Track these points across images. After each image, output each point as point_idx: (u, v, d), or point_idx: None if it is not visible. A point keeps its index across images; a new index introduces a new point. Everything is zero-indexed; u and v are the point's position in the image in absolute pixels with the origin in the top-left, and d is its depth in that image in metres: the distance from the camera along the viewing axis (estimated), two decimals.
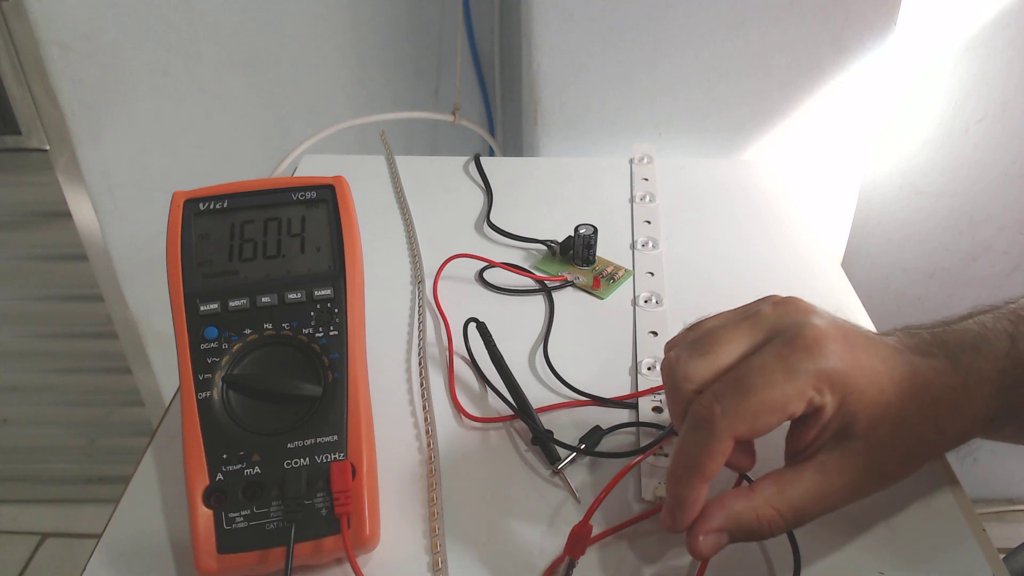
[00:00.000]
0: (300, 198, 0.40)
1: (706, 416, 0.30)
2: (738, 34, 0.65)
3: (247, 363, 0.36)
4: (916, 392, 0.32)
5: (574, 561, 0.33)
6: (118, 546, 0.37)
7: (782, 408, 0.30)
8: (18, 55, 0.89)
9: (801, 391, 0.30)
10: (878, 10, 0.64)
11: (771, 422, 0.30)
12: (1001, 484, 1.27)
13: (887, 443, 0.31)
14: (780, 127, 0.71)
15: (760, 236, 0.58)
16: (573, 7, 0.64)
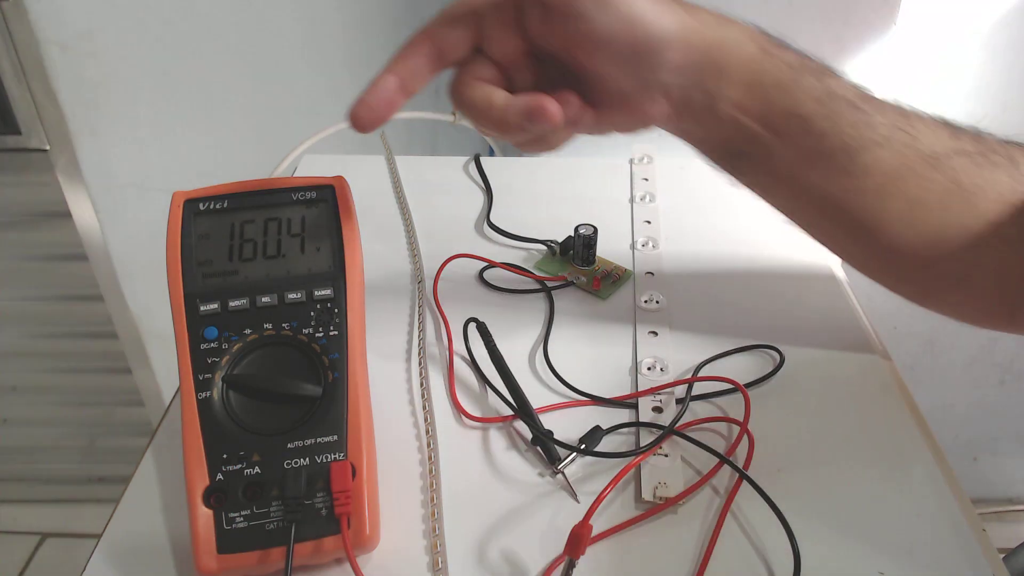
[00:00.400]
0: (300, 198, 0.40)
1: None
2: None
3: (247, 363, 0.36)
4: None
5: (574, 561, 0.33)
6: (118, 546, 0.37)
7: (468, 4, 0.36)
8: (18, 55, 0.89)
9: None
10: (878, 10, 0.64)
11: (456, 14, 0.36)
12: (1001, 484, 1.27)
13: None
14: None
15: (760, 236, 0.58)
16: None
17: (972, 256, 0.38)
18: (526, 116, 0.34)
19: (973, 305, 0.41)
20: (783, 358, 0.45)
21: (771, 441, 0.40)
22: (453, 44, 0.36)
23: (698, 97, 0.37)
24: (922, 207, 0.38)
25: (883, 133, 0.37)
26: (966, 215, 0.37)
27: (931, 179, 0.37)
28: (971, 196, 0.37)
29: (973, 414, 1.14)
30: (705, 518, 0.37)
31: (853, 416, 0.42)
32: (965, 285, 0.39)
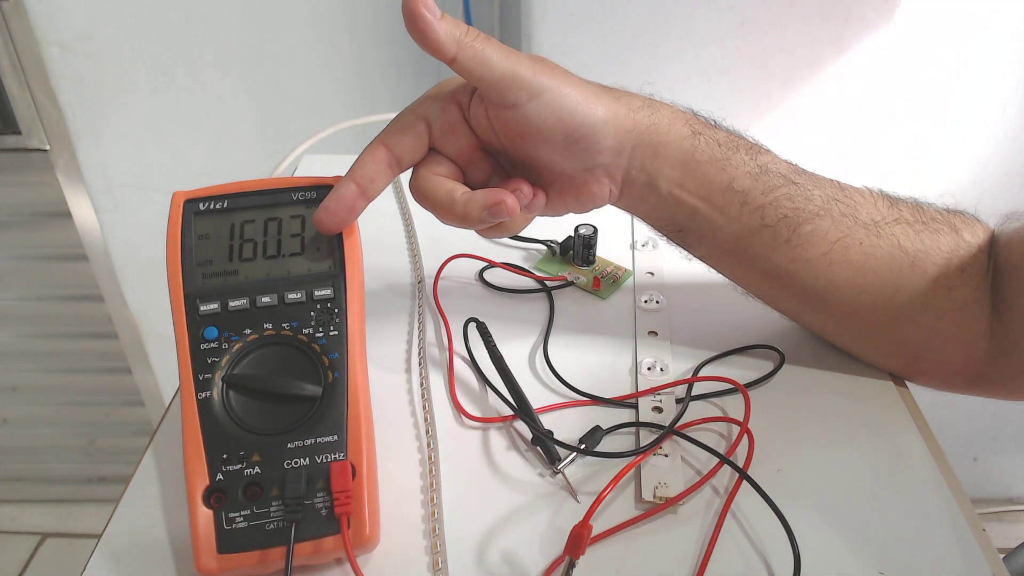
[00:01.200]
0: (300, 198, 0.40)
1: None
2: (738, 34, 0.65)
3: (247, 363, 0.36)
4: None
5: (574, 561, 0.33)
6: (118, 546, 0.37)
7: (410, 111, 0.38)
8: (18, 55, 0.89)
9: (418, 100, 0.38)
10: (878, 10, 0.64)
11: (407, 122, 0.38)
12: (1001, 484, 1.27)
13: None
14: (781, 127, 0.71)
15: None
16: (573, 7, 0.64)
17: (929, 319, 0.40)
18: (487, 210, 0.37)
19: (943, 370, 0.43)
20: (783, 358, 0.45)
21: (771, 441, 0.40)
22: (407, 150, 0.39)
23: (638, 176, 0.40)
24: (870, 272, 0.39)
25: (821, 204, 0.39)
26: (915, 278, 0.39)
27: (874, 245, 0.39)
28: (917, 260, 0.39)
29: (973, 414, 1.14)
30: (705, 518, 0.37)
31: (853, 416, 0.42)
32: (930, 350, 0.41)
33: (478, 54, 0.34)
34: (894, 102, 0.82)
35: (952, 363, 0.42)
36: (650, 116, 0.39)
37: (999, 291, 0.39)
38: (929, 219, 0.40)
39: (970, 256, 0.39)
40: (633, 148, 0.39)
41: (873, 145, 0.79)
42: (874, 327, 0.42)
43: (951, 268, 0.39)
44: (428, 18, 0.33)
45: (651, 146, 0.39)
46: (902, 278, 0.39)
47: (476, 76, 0.35)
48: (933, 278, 0.39)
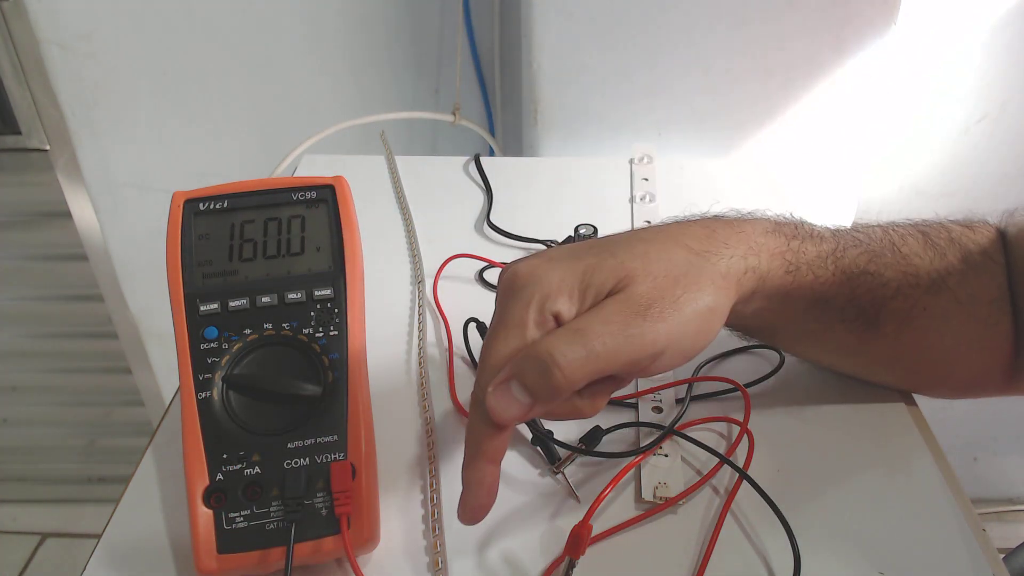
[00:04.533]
0: (300, 198, 0.40)
1: (473, 396, 0.32)
2: (738, 33, 0.65)
3: (247, 363, 0.36)
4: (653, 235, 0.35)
5: (574, 561, 0.33)
6: (118, 546, 0.36)
7: (516, 347, 0.31)
8: (18, 55, 0.89)
9: (520, 321, 0.32)
10: (878, 9, 0.64)
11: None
12: (1001, 484, 1.27)
13: (639, 275, 0.33)
14: (780, 127, 0.71)
15: None
16: (573, 7, 0.64)
17: (975, 355, 0.40)
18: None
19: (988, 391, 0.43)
20: (783, 358, 0.45)
21: (771, 441, 0.40)
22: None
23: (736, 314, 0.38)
24: (932, 332, 0.39)
25: (894, 288, 0.38)
26: (969, 326, 0.39)
27: (935, 305, 0.39)
28: (969, 308, 0.39)
29: (973, 414, 1.14)
30: (705, 518, 0.37)
31: (853, 416, 0.42)
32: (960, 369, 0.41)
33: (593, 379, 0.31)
34: (894, 100, 0.82)
35: (981, 376, 0.42)
36: (753, 277, 0.36)
37: (1019, 289, 0.39)
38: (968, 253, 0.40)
39: (1000, 283, 0.40)
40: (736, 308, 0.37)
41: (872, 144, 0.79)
42: (922, 373, 0.42)
43: (994, 305, 0.39)
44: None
45: (751, 296, 0.37)
46: (962, 329, 0.39)
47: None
48: (982, 320, 0.39)
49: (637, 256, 0.33)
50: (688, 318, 0.32)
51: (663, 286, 0.32)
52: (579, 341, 0.30)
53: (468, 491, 0.32)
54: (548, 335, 0.31)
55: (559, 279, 0.32)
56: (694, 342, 0.33)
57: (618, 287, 0.32)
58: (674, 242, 0.35)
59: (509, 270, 0.34)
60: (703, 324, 0.33)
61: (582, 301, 0.32)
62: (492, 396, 0.31)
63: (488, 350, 0.32)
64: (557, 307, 0.32)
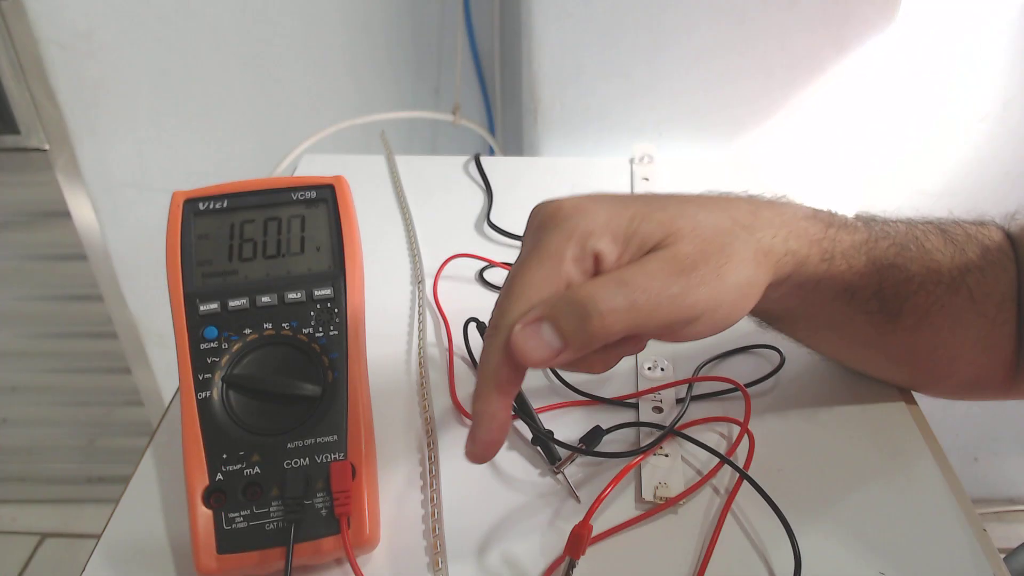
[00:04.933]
0: (300, 198, 0.40)
1: (492, 323, 0.30)
2: (738, 33, 0.65)
3: (247, 363, 0.36)
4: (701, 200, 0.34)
5: (574, 561, 0.33)
6: (118, 546, 0.36)
7: (549, 278, 0.30)
8: (18, 55, 0.89)
9: (558, 252, 0.30)
10: (879, 8, 0.64)
11: (548, 293, 0.30)
12: (1001, 484, 1.27)
13: (688, 234, 0.31)
14: (781, 125, 0.71)
15: None
16: (573, 7, 0.64)
17: (982, 357, 0.40)
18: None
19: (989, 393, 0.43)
20: (783, 358, 0.45)
21: (771, 441, 0.40)
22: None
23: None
24: (945, 330, 0.39)
25: (918, 283, 0.38)
26: (980, 325, 0.39)
27: (952, 303, 0.38)
28: (981, 306, 0.39)
29: (973, 414, 1.14)
30: (705, 518, 0.37)
31: (853, 416, 0.42)
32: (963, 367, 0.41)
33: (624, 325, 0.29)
34: (895, 100, 0.82)
35: (982, 377, 0.42)
36: (792, 261, 0.35)
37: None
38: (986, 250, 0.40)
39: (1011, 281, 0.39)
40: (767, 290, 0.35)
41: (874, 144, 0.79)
42: (929, 370, 0.42)
43: (1003, 305, 0.39)
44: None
45: (785, 280, 0.36)
46: (971, 327, 0.39)
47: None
48: (990, 318, 0.39)
49: (687, 215, 0.32)
50: (729, 288, 0.31)
51: (709, 251, 0.31)
52: (623, 291, 0.29)
53: (479, 425, 0.30)
54: (590, 281, 0.30)
55: (606, 219, 0.31)
56: (729, 313, 0.32)
57: (664, 242, 0.31)
58: (722, 211, 0.34)
59: (550, 204, 0.32)
60: (740, 297, 0.32)
61: (625, 247, 0.31)
62: (520, 335, 0.29)
63: (517, 276, 0.30)
64: (600, 246, 0.30)
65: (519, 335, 0.29)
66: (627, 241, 0.31)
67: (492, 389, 0.30)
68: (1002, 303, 0.39)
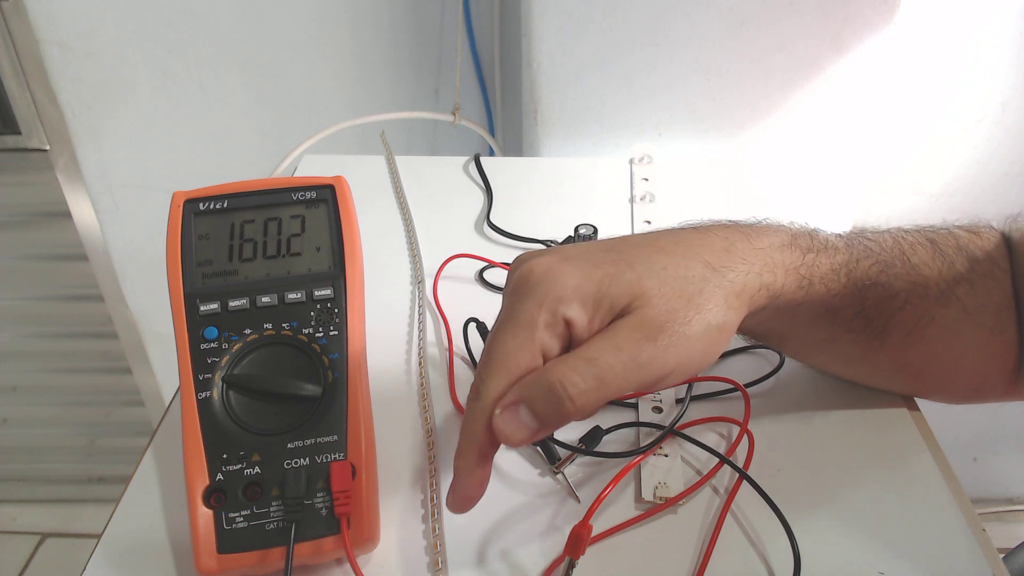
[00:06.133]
0: (300, 198, 0.40)
1: (473, 389, 0.32)
2: (738, 34, 0.65)
3: (247, 363, 0.36)
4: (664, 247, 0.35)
5: (574, 561, 0.33)
6: (118, 546, 0.37)
7: (523, 346, 0.31)
8: (18, 55, 0.89)
9: (530, 321, 0.31)
10: (878, 9, 0.64)
11: (523, 363, 0.31)
12: (1001, 484, 1.27)
13: (654, 296, 0.32)
14: (780, 127, 0.71)
15: None
16: (573, 7, 0.64)
17: (980, 365, 0.40)
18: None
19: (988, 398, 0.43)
20: (783, 358, 0.45)
21: (771, 441, 0.40)
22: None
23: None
24: (939, 341, 0.39)
25: (904, 298, 0.38)
26: (976, 334, 0.39)
27: (944, 316, 0.39)
28: (976, 317, 0.39)
29: (973, 414, 1.14)
30: (705, 518, 0.37)
31: (853, 416, 0.42)
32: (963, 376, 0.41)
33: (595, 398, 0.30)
34: (894, 101, 0.82)
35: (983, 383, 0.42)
36: (767, 294, 0.36)
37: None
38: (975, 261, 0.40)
39: (1006, 291, 0.39)
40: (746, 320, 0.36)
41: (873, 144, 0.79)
42: (927, 380, 0.42)
43: (1000, 314, 0.39)
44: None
45: (762, 310, 0.36)
46: (970, 337, 0.39)
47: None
48: (989, 328, 0.39)
49: (655, 272, 0.33)
50: (697, 339, 0.32)
51: (676, 307, 0.32)
52: (591, 371, 0.30)
53: (459, 480, 0.32)
54: (559, 362, 0.31)
55: (575, 284, 0.32)
56: (701, 361, 0.33)
57: (632, 306, 0.32)
58: (693, 256, 0.35)
59: (524, 266, 0.33)
60: (711, 344, 0.33)
61: (595, 311, 0.32)
62: (500, 418, 0.31)
63: (494, 344, 0.32)
64: (570, 313, 0.32)
65: (499, 420, 0.31)
66: (596, 305, 0.32)
67: (472, 449, 0.32)
68: (999, 312, 0.39)
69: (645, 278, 0.33)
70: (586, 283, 0.32)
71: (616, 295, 0.32)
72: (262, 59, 0.91)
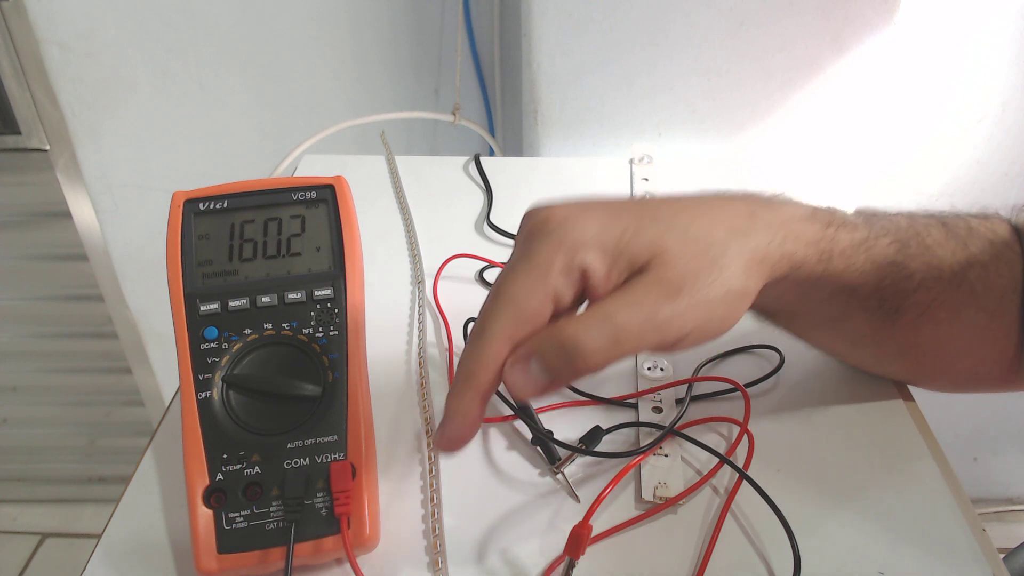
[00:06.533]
0: (300, 198, 0.40)
1: (477, 325, 0.31)
2: (738, 34, 0.65)
3: (247, 363, 0.36)
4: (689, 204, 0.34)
5: (574, 561, 0.33)
6: (118, 546, 0.37)
7: (536, 287, 0.30)
8: (18, 55, 0.89)
9: (547, 263, 0.30)
10: (878, 9, 0.64)
11: (533, 305, 0.30)
12: (1001, 484, 1.27)
13: (676, 254, 0.31)
14: (780, 127, 0.71)
15: None
16: (573, 7, 0.64)
17: (982, 349, 0.39)
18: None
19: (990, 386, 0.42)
20: (783, 358, 0.45)
21: (771, 441, 0.40)
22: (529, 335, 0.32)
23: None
24: (944, 323, 0.39)
25: (919, 280, 0.38)
26: (979, 317, 0.39)
27: (954, 299, 0.38)
28: (982, 301, 0.38)
29: (973, 414, 1.14)
30: (705, 518, 0.37)
31: (853, 416, 0.42)
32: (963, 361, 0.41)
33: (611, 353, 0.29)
34: (894, 101, 0.82)
35: (982, 369, 0.41)
36: (788, 264, 0.34)
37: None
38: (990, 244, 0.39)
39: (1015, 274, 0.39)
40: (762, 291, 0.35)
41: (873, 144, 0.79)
42: (929, 364, 0.41)
43: (1005, 298, 0.38)
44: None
45: (780, 282, 0.35)
46: (971, 321, 0.39)
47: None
48: (990, 312, 0.38)
49: (678, 230, 0.32)
50: (717, 302, 0.31)
51: (697, 268, 0.31)
52: (607, 328, 0.29)
53: (451, 421, 0.31)
54: (573, 319, 0.30)
55: (595, 233, 0.31)
56: (719, 326, 0.32)
57: (652, 263, 0.31)
58: (716, 219, 0.33)
59: (541, 211, 0.32)
60: (730, 308, 0.32)
61: (613, 263, 0.31)
62: (510, 371, 0.30)
63: (504, 283, 0.31)
64: (588, 261, 0.30)
65: (509, 372, 0.30)
66: (616, 257, 0.31)
67: (469, 389, 0.30)
68: (1003, 296, 0.38)
69: (668, 235, 0.31)
70: (607, 233, 0.31)
71: (637, 249, 0.31)
72: (262, 59, 0.91)
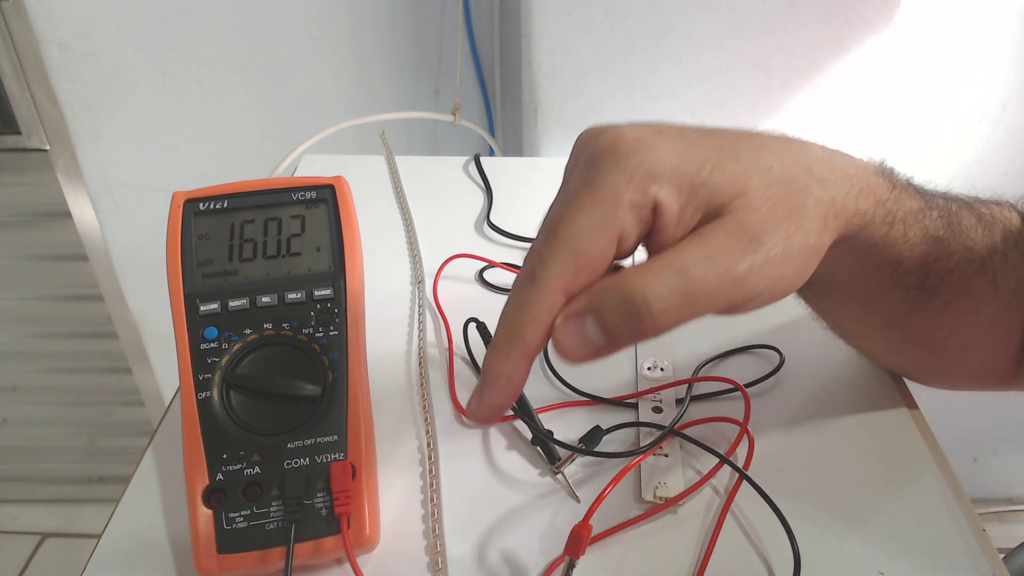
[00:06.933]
0: (300, 198, 0.40)
1: (526, 270, 0.27)
2: (738, 35, 0.65)
3: (247, 363, 0.36)
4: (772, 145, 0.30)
5: (574, 561, 0.33)
6: (118, 546, 0.36)
7: (601, 226, 0.26)
8: (18, 55, 0.89)
9: (615, 196, 0.26)
10: (878, 10, 0.64)
11: (597, 247, 0.26)
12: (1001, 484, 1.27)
13: (759, 198, 0.27)
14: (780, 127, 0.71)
15: None
16: (573, 7, 0.64)
17: (994, 339, 0.39)
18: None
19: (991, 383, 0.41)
20: (783, 358, 0.45)
21: (771, 441, 0.40)
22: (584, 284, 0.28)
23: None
24: (964, 312, 0.37)
25: (957, 261, 0.36)
26: (995, 307, 0.38)
27: (979, 284, 0.37)
28: (999, 289, 0.37)
29: (973, 414, 1.14)
30: (705, 518, 0.37)
31: (853, 416, 0.42)
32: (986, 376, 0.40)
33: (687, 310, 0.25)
34: (894, 102, 0.82)
35: (987, 364, 0.40)
36: (859, 222, 0.31)
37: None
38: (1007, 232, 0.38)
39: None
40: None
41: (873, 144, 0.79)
42: (941, 356, 0.40)
43: (1018, 289, 0.37)
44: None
45: (841, 244, 0.32)
46: (989, 310, 0.37)
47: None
48: (1005, 303, 0.37)
49: (761, 170, 0.28)
50: (794, 258, 0.27)
51: (779, 216, 0.27)
52: (680, 284, 0.25)
53: (491, 384, 0.27)
54: (641, 267, 0.26)
55: (674, 163, 0.27)
56: (789, 285, 0.29)
57: (731, 205, 0.27)
58: (798, 161, 0.29)
59: (609, 132, 0.28)
60: (804, 266, 0.28)
61: (689, 199, 0.27)
62: (561, 329, 0.26)
63: (562, 219, 0.26)
64: (662, 195, 0.27)
65: (560, 329, 0.26)
66: (692, 193, 0.27)
67: (516, 347, 0.26)
68: (1018, 288, 0.37)
69: (752, 174, 0.28)
70: (685, 164, 0.27)
71: (717, 186, 0.27)
72: (262, 59, 0.91)
